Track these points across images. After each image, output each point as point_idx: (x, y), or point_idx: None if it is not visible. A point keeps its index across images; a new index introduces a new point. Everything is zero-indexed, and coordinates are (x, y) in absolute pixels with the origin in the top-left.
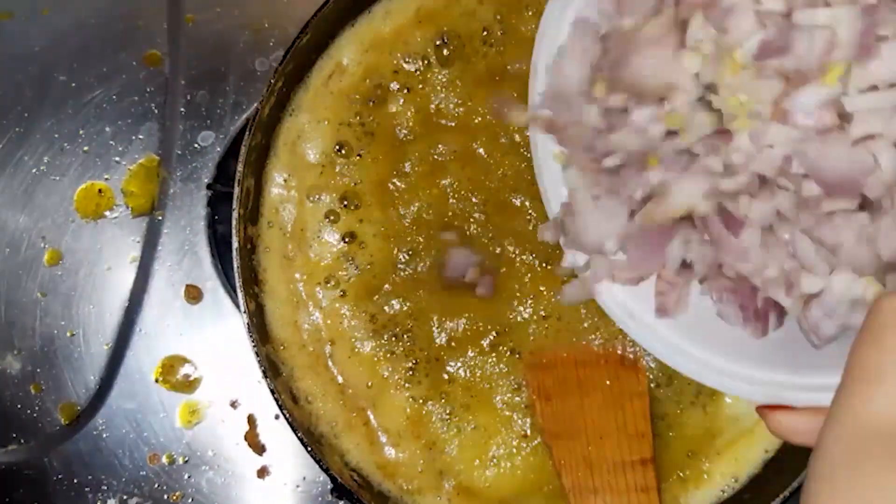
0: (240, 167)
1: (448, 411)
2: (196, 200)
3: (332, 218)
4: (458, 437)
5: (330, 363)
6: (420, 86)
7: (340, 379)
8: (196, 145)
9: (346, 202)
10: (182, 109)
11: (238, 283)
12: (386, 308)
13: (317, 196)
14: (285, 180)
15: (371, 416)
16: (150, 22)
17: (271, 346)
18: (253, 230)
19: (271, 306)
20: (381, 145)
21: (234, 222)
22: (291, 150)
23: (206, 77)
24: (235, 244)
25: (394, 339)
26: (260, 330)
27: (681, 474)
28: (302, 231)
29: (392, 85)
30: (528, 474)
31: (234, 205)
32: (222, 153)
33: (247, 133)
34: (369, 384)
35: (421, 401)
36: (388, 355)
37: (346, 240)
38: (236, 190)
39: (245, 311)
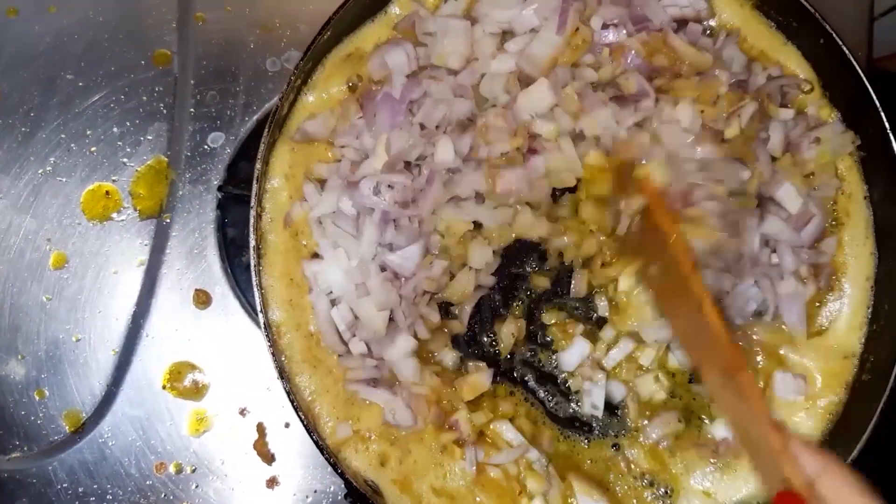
0: (258, 164)
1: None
2: (205, 203)
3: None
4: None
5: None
6: None
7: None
8: (205, 147)
9: None
10: (191, 110)
11: (255, 280)
12: None
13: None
14: (287, 172)
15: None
16: (159, 20)
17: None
18: (260, 226)
19: (273, 305)
20: None
21: (251, 220)
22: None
23: (216, 77)
24: (253, 242)
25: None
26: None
27: None
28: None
29: None
30: None
31: (253, 202)
32: (232, 155)
33: (266, 129)
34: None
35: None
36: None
37: None
38: (254, 187)
39: (262, 311)
